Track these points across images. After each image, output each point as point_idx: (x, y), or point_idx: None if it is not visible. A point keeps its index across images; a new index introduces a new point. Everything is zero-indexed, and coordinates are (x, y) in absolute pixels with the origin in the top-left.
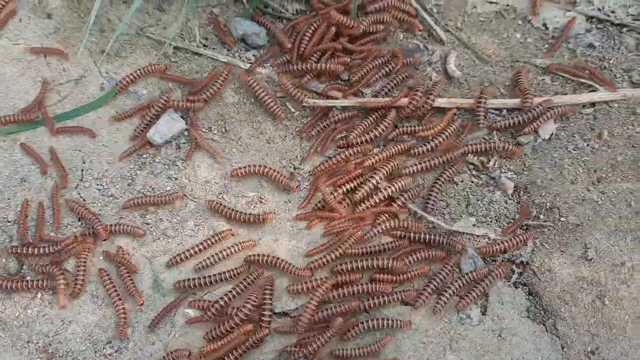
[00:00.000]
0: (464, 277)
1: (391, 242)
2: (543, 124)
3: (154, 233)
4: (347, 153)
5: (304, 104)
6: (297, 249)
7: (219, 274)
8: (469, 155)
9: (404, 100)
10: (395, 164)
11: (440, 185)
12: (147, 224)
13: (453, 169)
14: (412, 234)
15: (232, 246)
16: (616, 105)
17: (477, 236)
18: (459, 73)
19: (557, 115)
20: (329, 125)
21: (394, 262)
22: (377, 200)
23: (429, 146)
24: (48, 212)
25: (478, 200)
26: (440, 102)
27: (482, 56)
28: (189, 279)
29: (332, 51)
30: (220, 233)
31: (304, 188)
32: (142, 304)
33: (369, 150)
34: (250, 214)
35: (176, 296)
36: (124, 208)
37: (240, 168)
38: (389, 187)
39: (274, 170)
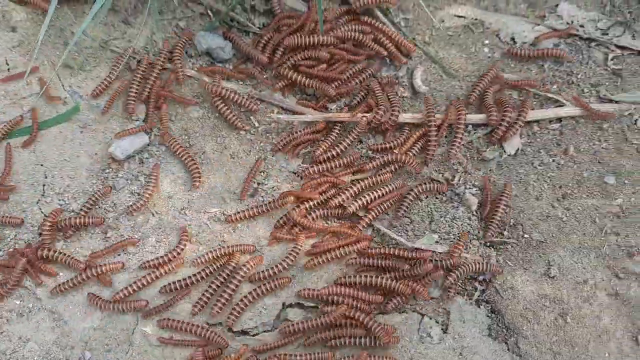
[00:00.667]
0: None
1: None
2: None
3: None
4: (313, 169)
5: (268, 118)
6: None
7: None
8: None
9: (366, 116)
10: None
11: (408, 203)
12: (108, 239)
13: (422, 187)
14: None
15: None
16: (583, 120)
17: (440, 253)
18: (425, 88)
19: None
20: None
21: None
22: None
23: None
24: None
25: (441, 217)
26: (404, 117)
27: (449, 71)
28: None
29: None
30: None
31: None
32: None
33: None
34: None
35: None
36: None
37: (237, 213)
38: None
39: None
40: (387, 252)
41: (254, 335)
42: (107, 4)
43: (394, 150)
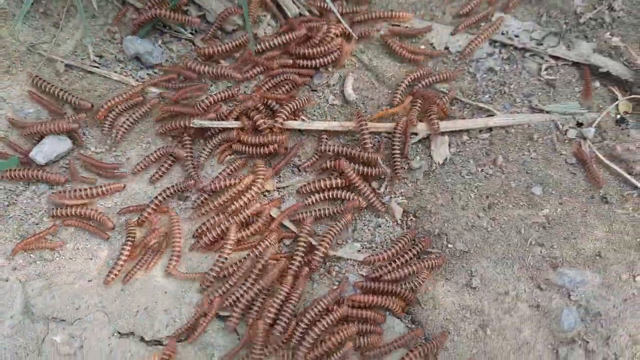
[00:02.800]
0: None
1: None
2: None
3: (31, 256)
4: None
5: (191, 125)
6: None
7: None
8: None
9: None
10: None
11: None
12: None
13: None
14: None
15: None
16: (513, 130)
17: (362, 262)
18: (354, 96)
19: None
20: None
21: None
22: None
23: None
24: None
25: (365, 226)
26: (332, 125)
27: (382, 79)
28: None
29: None
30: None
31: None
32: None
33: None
34: None
35: None
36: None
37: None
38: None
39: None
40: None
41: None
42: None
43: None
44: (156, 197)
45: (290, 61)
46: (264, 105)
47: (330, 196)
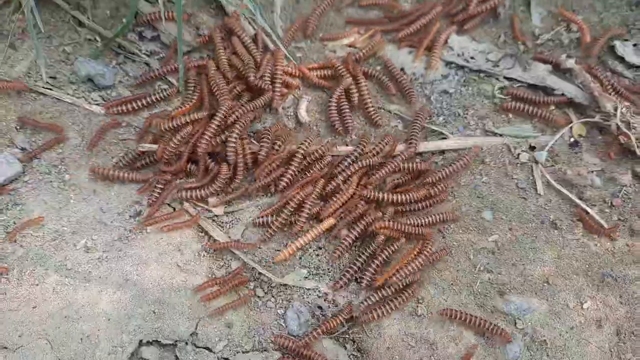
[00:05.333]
0: None
1: None
2: None
3: None
4: None
5: (139, 148)
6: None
7: None
8: None
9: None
10: None
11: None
12: None
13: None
14: None
15: None
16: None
17: (308, 289)
18: (307, 119)
19: None
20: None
21: None
22: None
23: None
24: None
25: (313, 251)
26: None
27: None
28: None
29: None
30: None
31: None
32: None
33: None
34: None
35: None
36: None
37: None
38: None
39: None
40: None
41: None
42: None
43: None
44: None
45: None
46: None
47: None
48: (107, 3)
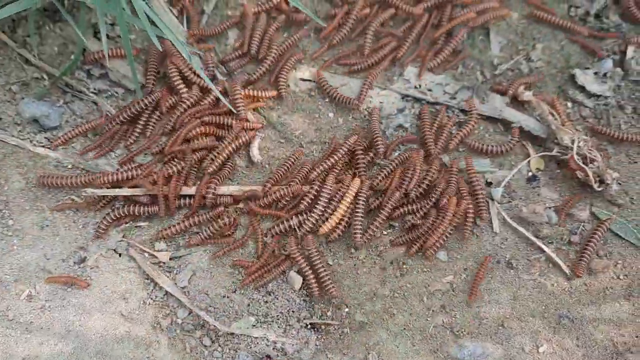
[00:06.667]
0: None
1: None
2: None
3: None
4: None
5: (84, 194)
6: None
7: None
8: None
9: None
10: None
11: None
12: None
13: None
14: None
15: None
16: None
17: (255, 338)
18: (259, 158)
19: None
20: None
21: None
22: None
23: None
24: None
25: (262, 297)
26: (230, 189)
27: (290, 137)
28: None
29: None
30: None
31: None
32: None
33: None
34: None
35: None
36: None
37: None
38: None
39: None
40: None
41: None
42: None
43: None
44: None
45: None
46: None
47: None
48: (55, 40)
